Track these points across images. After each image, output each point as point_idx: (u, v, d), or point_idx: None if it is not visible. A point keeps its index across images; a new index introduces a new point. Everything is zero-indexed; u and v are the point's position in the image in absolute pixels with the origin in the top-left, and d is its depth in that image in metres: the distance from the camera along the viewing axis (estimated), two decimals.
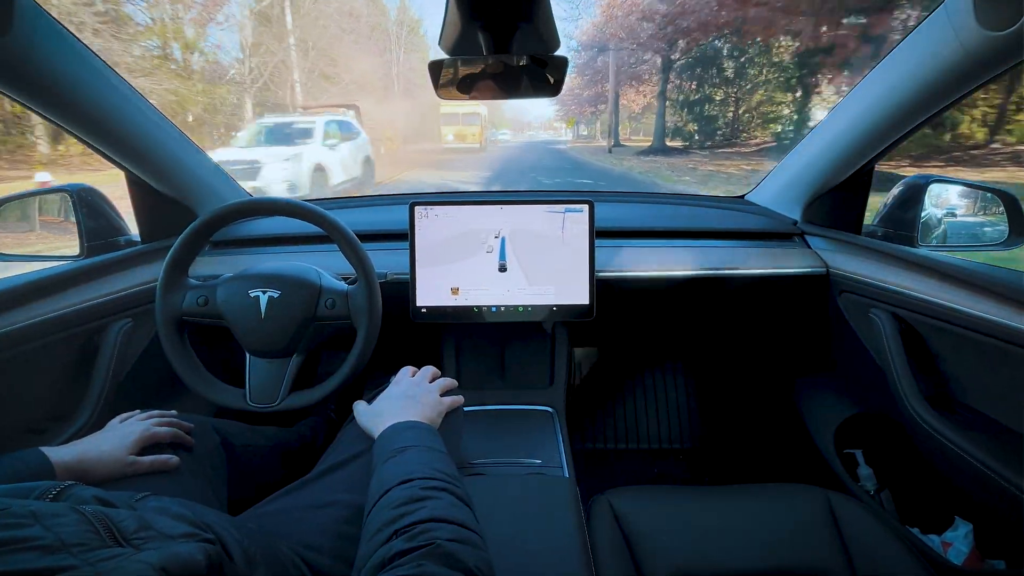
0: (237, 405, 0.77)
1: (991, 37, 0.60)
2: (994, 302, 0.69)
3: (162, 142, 0.93)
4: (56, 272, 0.82)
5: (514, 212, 0.92)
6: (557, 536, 0.63)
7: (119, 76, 0.82)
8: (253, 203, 0.78)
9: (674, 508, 0.73)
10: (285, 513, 0.57)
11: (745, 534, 0.68)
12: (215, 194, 1.08)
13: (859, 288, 0.93)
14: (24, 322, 0.73)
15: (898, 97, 0.78)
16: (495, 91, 0.67)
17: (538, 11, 0.52)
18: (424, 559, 0.37)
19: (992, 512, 0.79)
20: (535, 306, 0.93)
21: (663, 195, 1.37)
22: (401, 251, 0.95)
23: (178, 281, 0.77)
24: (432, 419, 0.63)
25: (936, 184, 0.92)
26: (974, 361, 0.77)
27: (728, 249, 1.05)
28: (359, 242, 0.77)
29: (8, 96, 0.68)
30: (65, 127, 0.79)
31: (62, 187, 0.95)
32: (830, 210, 1.05)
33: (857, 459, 1.05)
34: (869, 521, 0.69)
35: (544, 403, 0.98)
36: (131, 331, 0.90)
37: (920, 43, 0.72)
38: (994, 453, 0.70)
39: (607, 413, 1.48)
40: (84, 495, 0.40)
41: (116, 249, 0.96)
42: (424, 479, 0.47)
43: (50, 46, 0.68)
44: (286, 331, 0.76)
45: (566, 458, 0.82)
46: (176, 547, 0.33)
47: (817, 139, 1.00)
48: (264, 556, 0.45)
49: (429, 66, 0.65)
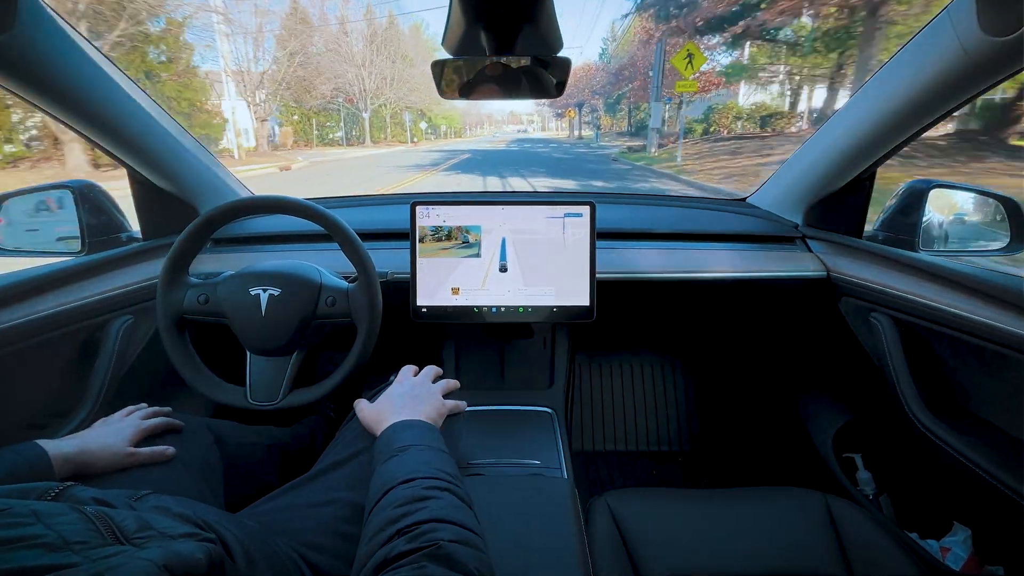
0: (238, 403, 0.77)
1: (994, 42, 0.60)
2: (995, 307, 0.69)
3: (164, 139, 0.93)
4: (57, 268, 0.82)
5: (515, 213, 0.92)
6: (555, 537, 0.63)
7: (122, 72, 0.82)
8: (254, 201, 0.78)
9: (672, 511, 0.73)
10: (285, 511, 0.57)
11: (743, 537, 0.68)
12: (216, 191, 1.08)
13: (860, 292, 0.93)
14: (25, 318, 0.74)
15: (900, 101, 0.78)
16: (498, 92, 0.67)
17: (541, 12, 0.52)
18: (426, 560, 0.37)
19: (991, 518, 0.79)
20: (535, 307, 0.93)
21: (664, 197, 1.37)
22: (402, 250, 0.95)
23: (179, 279, 0.77)
24: (434, 419, 0.63)
25: (937, 189, 0.92)
26: (974, 366, 0.77)
27: (729, 252, 1.05)
28: (360, 240, 0.77)
29: (11, 92, 0.69)
30: (67, 123, 0.79)
31: (63, 183, 0.95)
32: (831, 214, 1.05)
33: (856, 463, 1.05)
34: (868, 525, 0.69)
35: (543, 404, 0.97)
36: (132, 328, 0.90)
37: (923, 48, 0.72)
38: (993, 458, 0.70)
39: (606, 415, 1.48)
40: (83, 496, 0.40)
41: (117, 246, 0.96)
42: (426, 479, 0.47)
43: (53, 42, 0.68)
44: (286, 329, 0.76)
45: (565, 459, 0.82)
46: (177, 546, 0.33)
47: (819, 142, 1.00)
48: (264, 554, 0.45)
49: (432, 66, 0.65)
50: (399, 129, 31.70)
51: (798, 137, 12.02)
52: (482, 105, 43.03)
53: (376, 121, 28.62)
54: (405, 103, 30.39)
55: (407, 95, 29.46)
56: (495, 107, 38.16)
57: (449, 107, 44.93)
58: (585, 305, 0.92)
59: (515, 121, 43.00)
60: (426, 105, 34.04)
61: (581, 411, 1.49)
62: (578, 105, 37.43)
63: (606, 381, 1.52)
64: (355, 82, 24.66)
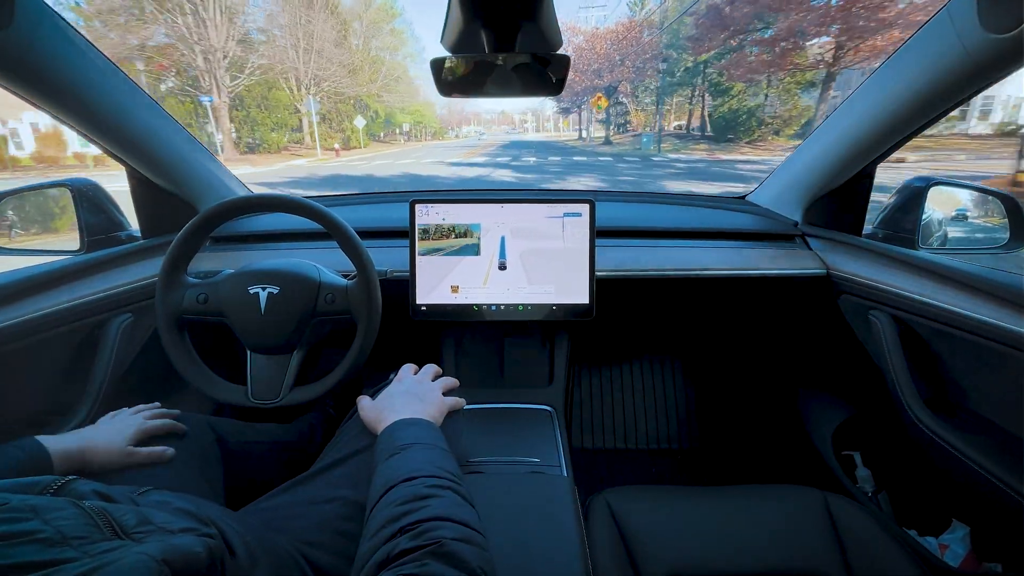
0: (239, 402, 0.77)
1: (994, 39, 0.60)
2: (994, 305, 0.69)
3: (163, 137, 0.93)
4: (56, 267, 0.82)
5: (515, 211, 0.92)
6: (554, 535, 0.63)
7: (121, 70, 0.82)
8: (253, 199, 0.78)
9: (671, 508, 0.73)
10: (286, 508, 0.57)
11: (742, 535, 0.68)
12: (215, 190, 1.08)
13: (859, 290, 0.93)
14: (24, 317, 0.73)
15: (900, 99, 0.78)
16: (496, 89, 0.67)
17: (540, 9, 0.52)
18: (428, 558, 0.37)
19: (989, 515, 0.79)
20: (535, 305, 0.93)
21: (664, 195, 1.37)
22: (401, 248, 0.95)
23: (178, 279, 0.77)
24: (435, 417, 0.63)
25: (937, 187, 0.92)
26: (973, 364, 0.77)
27: (728, 250, 1.05)
28: (358, 238, 0.77)
29: (9, 89, 0.68)
30: (66, 121, 0.79)
31: (62, 181, 0.94)
32: (831, 211, 1.05)
33: (855, 460, 1.05)
34: (866, 523, 0.69)
35: (543, 402, 0.98)
36: (131, 326, 0.90)
37: (923, 45, 0.72)
38: (992, 456, 0.70)
39: (605, 413, 1.48)
40: (84, 490, 0.40)
41: (116, 244, 0.96)
42: (428, 477, 0.47)
43: (52, 40, 0.68)
44: (286, 327, 0.76)
45: (564, 457, 0.82)
46: (176, 540, 0.33)
47: (819, 140, 1.00)
48: (265, 550, 0.46)
49: (431, 64, 0.65)
50: (328, 129, 22.35)
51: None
52: (468, 102, 33.29)
53: (263, 117, 18.30)
54: (336, 87, 20.47)
55: (341, 79, 19.96)
56: (484, 106, 29.32)
57: (421, 100, 35.08)
58: (585, 303, 0.92)
59: (506, 121, 37.46)
60: (375, 94, 24.61)
61: (580, 409, 1.49)
62: (608, 90, 21.67)
63: (605, 379, 1.52)
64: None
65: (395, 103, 29.60)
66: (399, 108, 31.39)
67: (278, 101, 18.96)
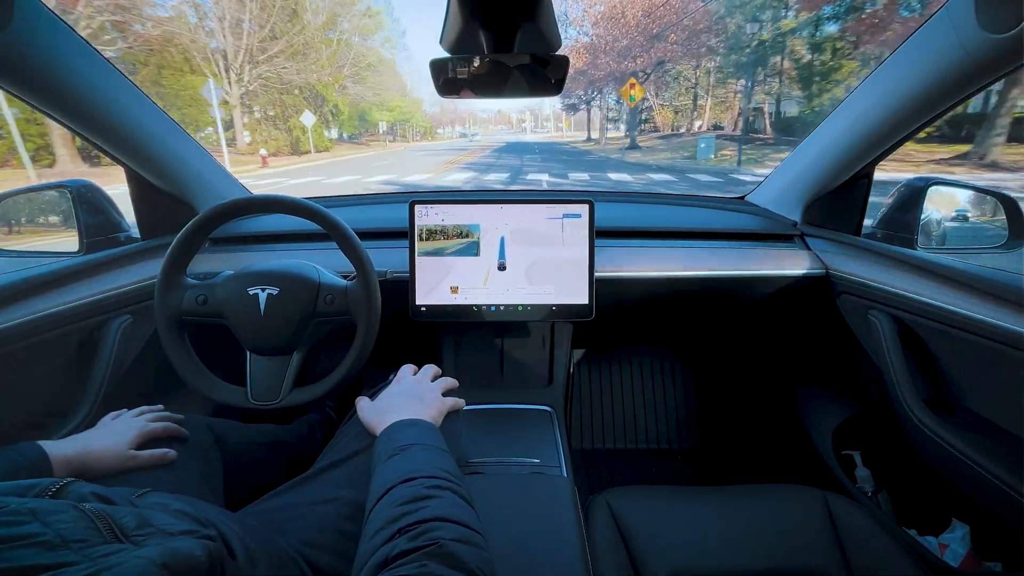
0: (238, 403, 0.77)
1: (992, 39, 0.60)
2: (993, 304, 0.69)
3: (162, 138, 0.93)
4: (55, 268, 0.81)
5: (514, 211, 0.92)
6: (555, 535, 0.63)
7: (119, 72, 0.82)
8: (252, 200, 0.78)
9: (671, 508, 0.73)
10: (285, 509, 0.57)
11: (742, 534, 0.68)
12: (214, 191, 1.08)
13: (858, 290, 0.93)
14: (23, 318, 0.73)
15: (899, 99, 0.78)
16: (496, 90, 0.67)
17: (539, 10, 0.52)
18: (427, 559, 0.37)
19: (989, 514, 0.79)
20: (534, 305, 0.93)
21: (663, 195, 1.37)
22: (401, 249, 0.95)
23: (177, 280, 0.77)
24: (434, 418, 0.63)
25: (936, 186, 0.92)
26: (972, 363, 0.78)
27: (728, 250, 1.05)
28: (358, 239, 0.77)
29: (8, 92, 0.68)
30: (65, 123, 0.78)
31: (61, 183, 0.94)
32: (830, 212, 1.05)
33: (855, 460, 1.05)
34: (866, 522, 0.69)
35: (543, 402, 0.97)
36: (130, 328, 0.90)
37: (921, 45, 0.72)
38: (992, 456, 0.70)
39: (605, 413, 1.48)
40: (83, 492, 0.40)
41: (115, 245, 0.96)
42: (427, 477, 0.47)
43: (50, 42, 0.68)
44: (286, 328, 0.76)
45: (565, 457, 0.82)
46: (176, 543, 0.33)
47: (818, 140, 1.00)
48: (265, 552, 0.45)
49: (430, 64, 0.65)
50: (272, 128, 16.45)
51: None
52: (461, 100, 32.08)
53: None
54: (278, 73, 14.92)
55: (282, 63, 14.36)
56: (479, 104, 27.07)
57: (406, 95, 29.77)
58: (584, 303, 0.92)
59: (503, 120, 35.37)
60: (333, 84, 18.65)
61: (580, 409, 1.49)
62: (651, 70, 16.32)
63: (605, 379, 1.52)
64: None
65: (368, 97, 23.62)
66: (375, 103, 25.37)
67: (183, 88, 13.48)
